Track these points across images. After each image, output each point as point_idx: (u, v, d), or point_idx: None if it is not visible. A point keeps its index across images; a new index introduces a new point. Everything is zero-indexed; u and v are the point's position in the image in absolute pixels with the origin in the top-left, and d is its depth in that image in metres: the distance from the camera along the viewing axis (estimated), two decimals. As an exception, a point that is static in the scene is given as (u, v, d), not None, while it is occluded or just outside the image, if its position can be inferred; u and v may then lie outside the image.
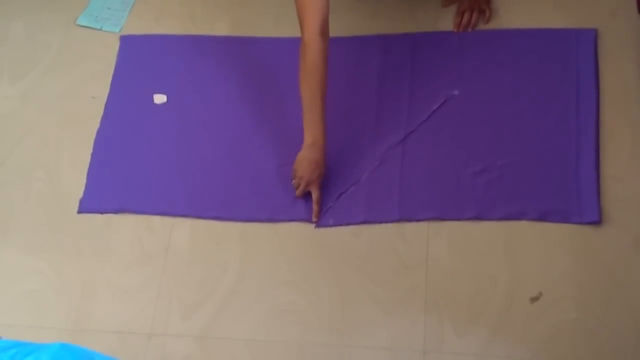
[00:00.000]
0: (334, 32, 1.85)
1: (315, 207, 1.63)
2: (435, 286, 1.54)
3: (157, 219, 1.72)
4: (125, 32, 2.00)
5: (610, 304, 1.47)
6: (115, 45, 1.98)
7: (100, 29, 2.02)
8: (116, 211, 1.74)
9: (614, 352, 1.43)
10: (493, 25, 1.81)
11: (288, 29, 1.91)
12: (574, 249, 1.53)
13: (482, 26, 1.81)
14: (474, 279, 1.54)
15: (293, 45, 1.87)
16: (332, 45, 1.84)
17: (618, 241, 1.52)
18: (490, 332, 1.48)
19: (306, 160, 1.62)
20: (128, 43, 1.98)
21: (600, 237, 1.53)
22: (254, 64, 1.88)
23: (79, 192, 1.78)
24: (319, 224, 1.65)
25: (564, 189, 1.58)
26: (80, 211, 1.76)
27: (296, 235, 1.65)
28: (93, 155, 1.82)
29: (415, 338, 1.50)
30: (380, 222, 1.62)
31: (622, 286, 1.48)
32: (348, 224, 1.64)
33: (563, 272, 1.51)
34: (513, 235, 1.57)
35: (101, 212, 1.75)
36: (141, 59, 1.95)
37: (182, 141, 1.80)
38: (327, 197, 1.67)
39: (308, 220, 1.66)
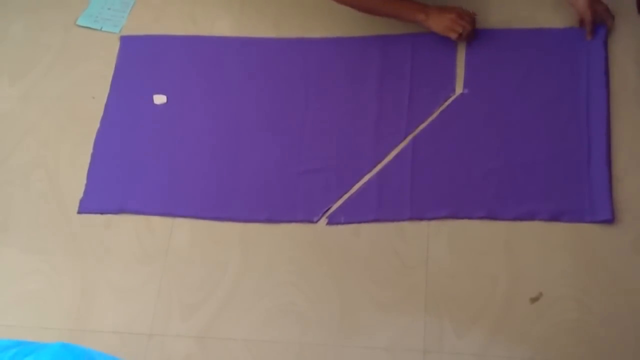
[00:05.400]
0: (334, 32, 1.87)
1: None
2: (435, 286, 1.54)
3: (157, 219, 1.72)
4: (125, 33, 2.00)
5: (610, 304, 1.47)
6: (115, 45, 1.98)
7: (100, 30, 2.02)
8: (116, 211, 1.74)
9: (614, 352, 1.43)
10: (492, 24, 1.80)
11: (288, 29, 1.91)
12: (574, 249, 1.53)
13: (485, 25, 1.81)
14: (474, 279, 1.54)
15: (293, 46, 1.88)
16: (332, 46, 1.86)
17: (618, 241, 1.52)
18: (490, 332, 1.48)
19: (443, 19, 1.71)
20: (128, 43, 1.98)
21: (600, 237, 1.53)
22: (254, 64, 1.88)
23: (79, 192, 1.78)
24: (330, 222, 1.65)
25: (575, 189, 1.58)
26: (80, 211, 1.76)
27: (296, 235, 1.65)
28: (93, 155, 1.82)
29: (415, 338, 1.50)
30: (392, 221, 1.62)
31: (622, 286, 1.48)
32: (359, 222, 1.64)
33: (563, 272, 1.51)
34: (513, 235, 1.57)
35: (101, 212, 1.75)
36: (141, 59, 1.95)
37: (182, 141, 1.80)
38: (329, 197, 1.67)
39: (308, 220, 1.66)
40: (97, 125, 1.86)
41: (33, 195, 1.80)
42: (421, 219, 1.62)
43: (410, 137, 1.70)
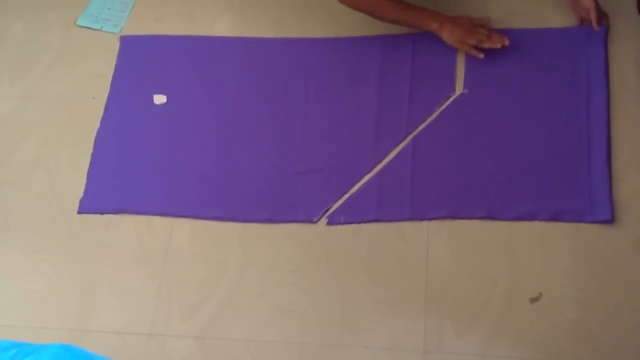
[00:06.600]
0: (334, 32, 1.87)
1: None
2: (435, 286, 1.54)
3: (157, 219, 1.72)
4: (125, 33, 2.00)
5: (610, 304, 1.47)
6: (115, 45, 1.98)
7: (100, 30, 2.02)
8: (116, 211, 1.74)
9: (614, 352, 1.43)
10: (491, 23, 1.80)
11: (288, 29, 1.91)
12: (574, 249, 1.53)
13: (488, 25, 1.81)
14: (474, 279, 1.54)
15: (293, 46, 1.88)
16: (332, 46, 1.86)
17: (618, 241, 1.52)
18: (490, 332, 1.48)
19: (455, 29, 1.70)
20: (128, 43, 1.98)
21: (600, 237, 1.53)
22: (253, 64, 1.88)
23: (79, 192, 1.78)
24: (330, 222, 1.65)
25: (575, 189, 1.58)
26: (80, 211, 1.76)
27: (296, 235, 1.65)
28: (93, 155, 1.82)
29: (415, 338, 1.50)
30: (392, 221, 1.62)
31: (622, 286, 1.48)
32: (359, 222, 1.64)
33: (563, 272, 1.51)
34: (513, 235, 1.57)
35: (101, 212, 1.75)
36: (141, 60, 1.95)
37: (182, 141, 1.80)
38: (329, 197, 1.67)
39: (308, 220, 1.66)
40: (97, 125, 1.86)
41: (33, 195, 1.80)
42: (421, 219, 1.62)
43: (410, 137, 1.70)
